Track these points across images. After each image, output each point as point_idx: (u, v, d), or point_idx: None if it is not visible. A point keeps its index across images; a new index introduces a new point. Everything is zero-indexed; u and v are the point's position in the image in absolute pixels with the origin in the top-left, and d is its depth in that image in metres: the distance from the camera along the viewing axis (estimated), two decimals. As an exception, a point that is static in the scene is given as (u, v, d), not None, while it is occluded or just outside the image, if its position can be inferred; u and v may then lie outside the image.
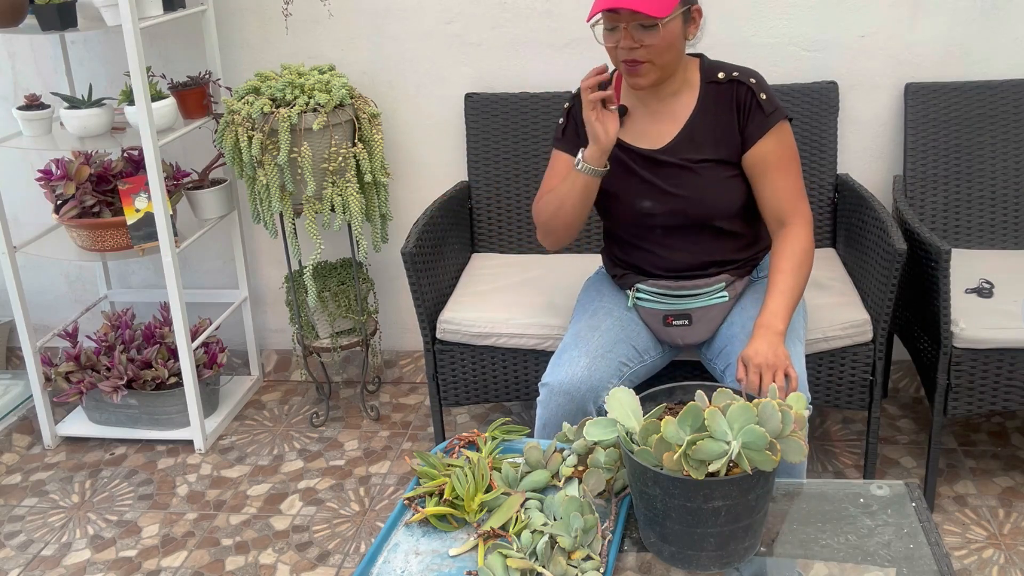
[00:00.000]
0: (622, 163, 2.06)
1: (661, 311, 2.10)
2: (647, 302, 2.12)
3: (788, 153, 2.02)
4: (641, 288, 2.12)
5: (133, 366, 2.84)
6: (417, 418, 3.06)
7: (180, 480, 2.79)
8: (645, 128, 2.07)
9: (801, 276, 1.99)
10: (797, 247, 1.99)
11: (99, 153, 2.86)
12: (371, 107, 2.73)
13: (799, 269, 1.98)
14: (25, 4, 2.63)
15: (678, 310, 2.09)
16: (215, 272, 3.28)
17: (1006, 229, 2.64)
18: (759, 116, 1.99)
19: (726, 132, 2.02)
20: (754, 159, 2.00)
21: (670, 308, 2.09)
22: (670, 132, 2.04)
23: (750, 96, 2.00)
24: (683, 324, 2.09)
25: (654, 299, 2.11)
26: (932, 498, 2.43)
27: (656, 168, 2.04)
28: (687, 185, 2.03)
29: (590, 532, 1.47)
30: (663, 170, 2.04)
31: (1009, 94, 2.63)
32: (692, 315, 2.09)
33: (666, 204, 2.05)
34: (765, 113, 1.99)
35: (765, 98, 2.00)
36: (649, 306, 2.12)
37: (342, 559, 2.41)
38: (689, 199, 2.03)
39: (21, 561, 2.47)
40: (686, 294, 2.08)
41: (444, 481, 1.62)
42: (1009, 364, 2.25)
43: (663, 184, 2.04)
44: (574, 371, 1.98)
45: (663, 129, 2.05)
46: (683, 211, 2.05)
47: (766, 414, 1.37)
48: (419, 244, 2.43)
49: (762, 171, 2.01)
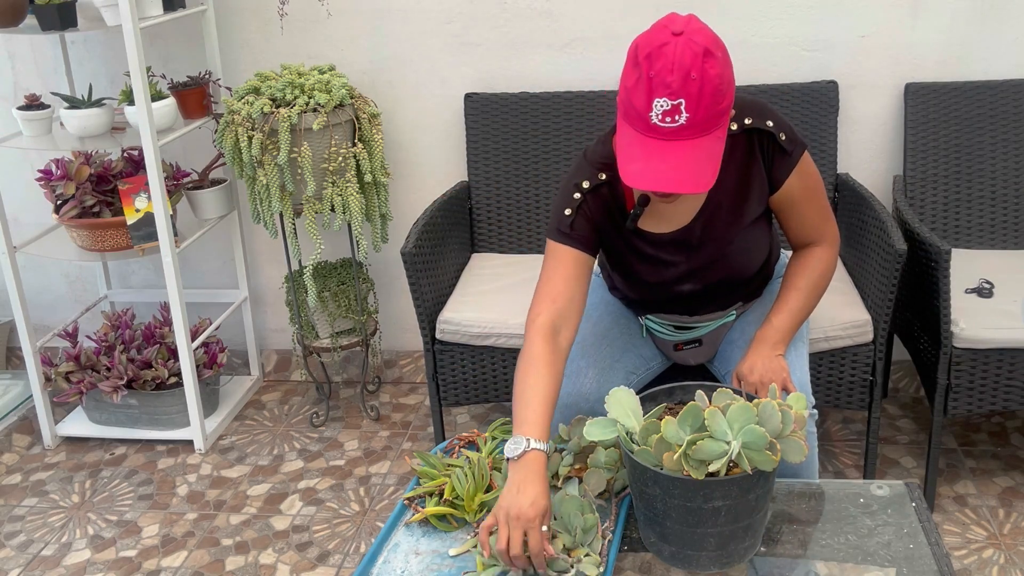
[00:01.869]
0: (652, 255, 1.87)
1: (672, 341, 2.05)
2: (658, 332, 2.05)
3: (812, 183, 1.85)
4: (652, 320, 2.04)
5: (133, 366, 2.84)
6: (417, 418, 3.06)
7: (180, 480, 2.79)
8: (665, 209, 1.80)
9: (814, 297, 1.89)
10: (819, 267, 1.88)
11: (99, 153, 2.86)
12: (371, 107, 2.73)
13: (813, 290, 1.88)
14: (25, 4, 2.63)
15: (690, 338, 2.04)
16: (215, 272, 3.28)
17: (1006, 229, 2.64)
18: (782, 159, 1.78)
19: (752, 183, 1.82)
20: (781, 198, 1.84)
21: (682, 338, 2.04)
22: (694, 207, 1.81)
23: (771, 141, 1.78)
24: (694, 347, 2.04)
25: (665, 331, 2.04)
26: (932, 498, 2.43)
27: (691, 251, 1.86)
28: (725, 257, 1.88)
29: (590, 532, 1.47)
30: (699, 251, 1.86)
31: (1009, 94, 2.63)
32: (703, 339, 2.03)
33: (707, 280, 1.91)
34: (788, 153, 1.79)
35: (785, 138, 1.78)
36: (659, 336, 2.05)
37: (342, 559, 2.41)
38: (731, 269, 1.91)
39: (21, 561, 2.47)
40: (698, 326, 2.01)
41: (444, 481, 1.62)
42: (1009, 364, 2.25)
43: (701, 264, 1.88)
44: (582, 383, 1.93)
45: (685, 206, 1.81)
46: (724, 280, 1.93)
47: (766, 414, 1.37)
48: (419, 244, 2.43)
49: (789, 206, 1.86)
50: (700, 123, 1.52)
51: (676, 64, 1.49)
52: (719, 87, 1.51)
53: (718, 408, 1.38)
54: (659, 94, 1.50)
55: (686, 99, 1.49)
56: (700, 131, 1.53)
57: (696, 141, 1.54)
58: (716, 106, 1.52)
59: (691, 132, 1.52)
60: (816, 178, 1.87)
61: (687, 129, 1.52)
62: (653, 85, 1.50)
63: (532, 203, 2.83)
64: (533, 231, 2.85)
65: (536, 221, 2.84)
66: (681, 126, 1.51)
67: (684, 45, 1.49)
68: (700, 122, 1.52)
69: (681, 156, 1.53)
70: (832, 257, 1.90)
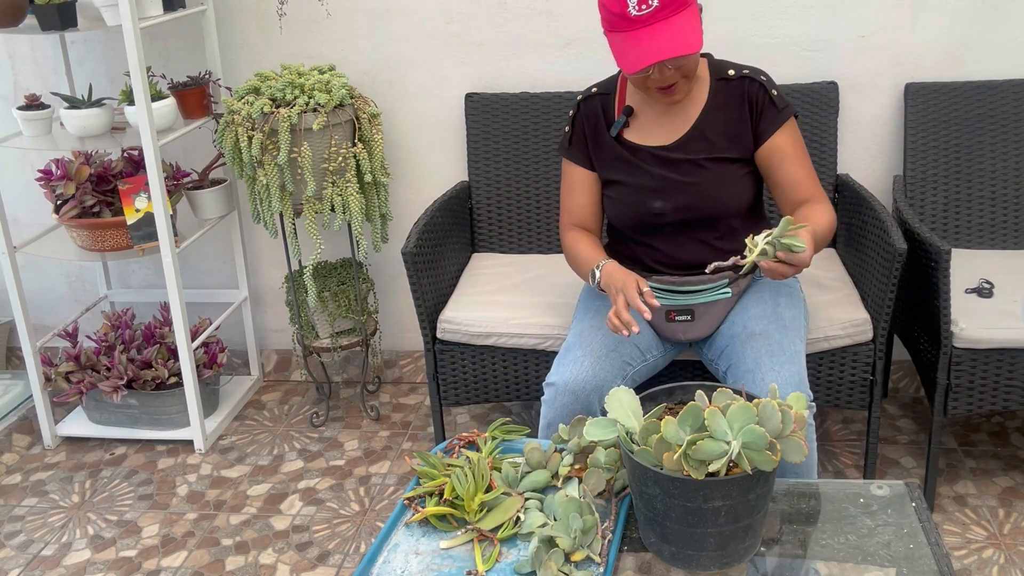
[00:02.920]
0: (630, 163, 2.06)
1: (664, 307, 2.09)
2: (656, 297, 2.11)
3: (801, 147, 2.05)
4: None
5: (133, 366, 2.84)
6: (417, 418, 3.06)
7: (180, 480, 2.79)
8: (653, 126, 2.07)
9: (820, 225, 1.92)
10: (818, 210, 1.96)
11: (99, 153, 2.86)
12: (371, 107, 2.73)
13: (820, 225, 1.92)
14: (25, 4, 2.63)
15: (681, 305, 2.08)
16: (215, 272, 3.28)
17: (1006, 229, 2.64)
18: (772, 112, 2.01)
19: (738, 128, 2.03)
20: (769, 151, 2.02)
21: (673, 304, 2.08)
22: (680, 129, 2.05)
23: (762, 92, 2.02)
24: (686, 319, 2.09)
25: (657, 295, 2.09)
26: (932, 498, 2.43)
27: (666, 165, 2.05)
28: (699, 182, 2.04)
29: (590, 532, 1.47)
30: (674, 167, 2.04)
31: (1009, 94, 2.63)
32: (695, 310, 2.08)
33: (676, 201, 2.05)
34: (778, 108, 2.01)
35: (776, 94, 2.01)
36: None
37: (342, 559, 2.41)
38: (700, 196, 2.04)
39: (21, 561, 2.47)
40: (690, 290, 2.07)
41: (444, 481, 1.62)
42: (1009, 364, 2.25)
43: (674, 181, 2.04)
44: (579, 370, 1.97)
45: (672, 127, 2.05)
46: (694, 207, 2.05)
47: (766, 414, 1.37)
48: (419, 244, 2.43)
49: (779, 161, 2.02)
50: (670, 3, 1.83)
51: None
52: None
53: (718, 408, 1.38)
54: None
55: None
56: (673, 10, 1.83)
57: (673, 18, 1.83)
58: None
59: (667, 11, 1.83)
60: (804, 146, 2.06)
61: (662, 10, 1.82)
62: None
63: (532, 203, 2.83)
64: (533, 231, 2.85)
65: (536, 221, 2.84)
66: (656, 8, 1.82)
67: None
68: (669, 2, 1.82)
69: (667, 32, 1.82)
70: (830, 210, 1.99)
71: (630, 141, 2.07)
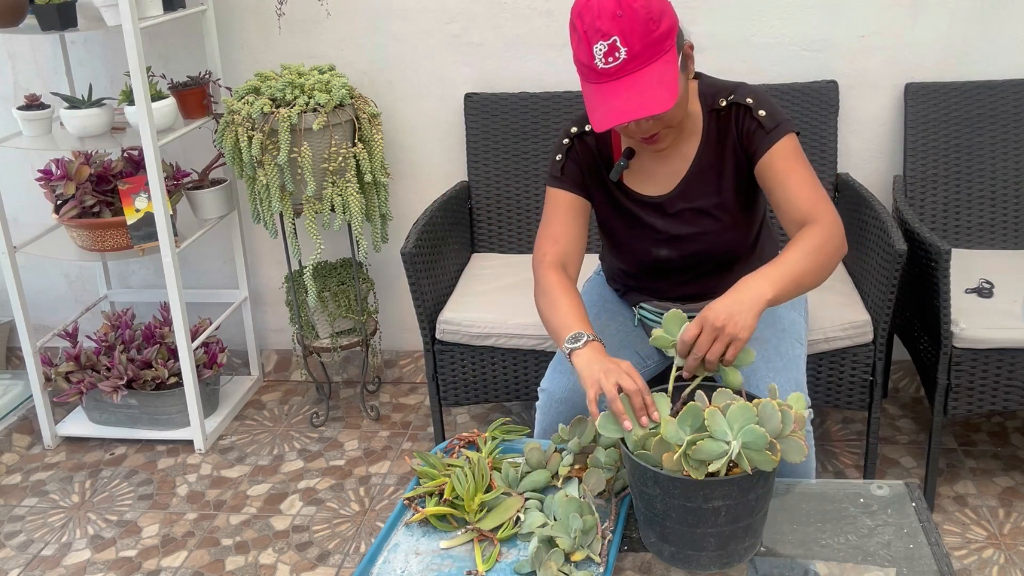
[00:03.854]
0: (631, 213, 1.93)
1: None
2: (652, 322, 2.06)
3: (798, 164, 1.82)
4: (646, 307, 2.07)
5: (133, 366, 2.84)
6: (417, 418, 3.06)
7: (180, 480, 2.79)
8: (651, 170, 1.90)
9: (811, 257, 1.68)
10: (816, 233, 1.71)
11: (99, 153, 2.86)
12: (371, 107, 2.73)
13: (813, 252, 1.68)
14: (25, 4, 2.63)
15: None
16: (215, 272, 3.28)
17: (1006, 229, 2.64)
18: (760, 134, 1.83)
19: (729, 158, 1.87)
20: (762, 173, 1.84)
21: None
22: (678, 171, 1.89)
23: (748, 116, 1.83)
24: None
25: (658, 320, 2.04)
26: (932, 498, 2.43)
27: (669, 217, 1.90)
28: (705, 231, 1.91)
29: (590, 532, 1.47)
30: (677, 218, 1.90)
31: (1009, 94, 2.63)
32: None
33: (682, 251, 1.93)
34: (767, 130, 1.81)
35: (764, 114, 1.82)
36: (654, 326, 2.06)
37: (342, 559, 2.41)
38: (708, 243, 1.92)
39: (21, 561, 2.47)
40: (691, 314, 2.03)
41: (444, 481, 1.62)
42: (1009, 364, 2.25)
43: (678, 232, 1.92)
44: (574, 378, 1.94)
45: (670, 170, 1.90)
46: (701, 253, 1.94)
47: (766, 414, 1.37)
48: (419, 244, 2.43)
49: (772, 183, 1.83)
50: (640, 53, 1.63)
51: (600, 10, 1.62)
52: (648, 16, 1.61)
53: (718, 408, 1.38)
54: (594, 40, 1.62)
55: (619, 35, 1.61)
56: (644, 61, 1.64)
57: (644, 71, 1.64)
58: (650, 34, 1.62)
59: (636, 64, 1.63)
60: (804, 161, 1.82)
61: (630, 62, 1.63)
62: (588, 35, 1.63)
63: (532, 203, 2.83)
64: (533, 231, 2.85)
65: (536, 221, 2.83)
66: (624, 61, 1.63)
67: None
68: (640, 52, 1.62)
69: (635, 88, 1.64)
70: (831, 232, 1.73)
71: (630, 188, 1.91)
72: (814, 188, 1.81)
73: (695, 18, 2.75)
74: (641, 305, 2.08)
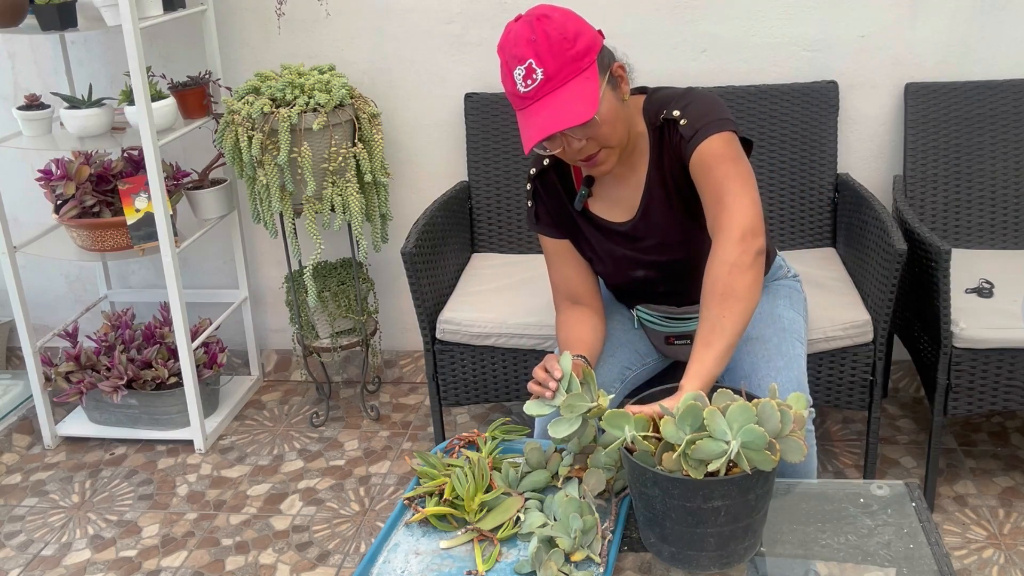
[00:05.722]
0: (600, 241, 1.93)
1: (663, 332, 2.07)
2: (650, 324, 2.07)
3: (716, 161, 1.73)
4: (642, 310, 2.07)
5: (133, 366, 2.84)
6: (417, 418, 3.06)
7: (180, 480, 2.79)
8: (614, 195, 1.90)
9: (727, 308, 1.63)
10: (715, 270, 1.66)
11: (99, 153, 2.86)
12: (371, 107, 2.73)
13: (723, 301, 1.63)
14: (25, 4, 2.63)
15: (680, 331, 2.06)
16: (215, 272, 3.28)
17: (1006, 229, 2.64)
18: (683, 145, 1.76)
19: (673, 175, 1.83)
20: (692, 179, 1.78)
21: (671, 330, 2.05)
22: (635, 195, 1.87)
23: (674, 129, 1.78)
24: (685, 344, 2.04)
25: (657, 322, 2.06)
26: (932, 498, 2.43)
27: (636, 243, 1.91)
28: (674, 247, 1.90)
29: (590, 533, 1.47)
30: (643, 244, 1.91)
31: (1009, 94, 2.63)
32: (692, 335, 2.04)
33: (658, 270, 1.94)
34: (686, 139, 1.75)
35: (685, 123, 1.75)
36: (652, 327, 2.08)
37: (342, 559, 2.41)
38: (682, 255, 1.91)
39: (21, 561, 2.47)
40: (689, 317, 2.03)
41: (444, 481, 1.62)
42: (1009, 364, 2.25)
43: (649, 257, 1.93)
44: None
45: (630, 192, 1.88)
46: (677, 265, 1.93)
47: (766, 414, 1.37)
48: (419, 244, 2.43)
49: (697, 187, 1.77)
50: (556, 73, 1.66)
51: (516, 37, 1.67)
52: (562, 37, 1.65)
53: (718, 408, 1.38)
54: (513, 66, 1.67)
55: (533, 57, 1.65)
56: (561, 80, 1.67)
57: (562, 89, 1.67)
58: (565, 53, 1.65)
59: (553, 83, 1.66)
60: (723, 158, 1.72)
61: (547, 83, 1.66)
62: (508, 63, 1.68)
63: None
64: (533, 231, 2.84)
65: (536, 221, 2.84)
66: (542, 82, 1.66)
67: (521, 22, 1.68)
68: (556, 72, 1.66)
69: (553, 105, 1.67)
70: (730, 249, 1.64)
71: (597, 216, 1.91)
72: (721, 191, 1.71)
73: (695, 18, 2.75)
74: (639, 308, 2.08)
